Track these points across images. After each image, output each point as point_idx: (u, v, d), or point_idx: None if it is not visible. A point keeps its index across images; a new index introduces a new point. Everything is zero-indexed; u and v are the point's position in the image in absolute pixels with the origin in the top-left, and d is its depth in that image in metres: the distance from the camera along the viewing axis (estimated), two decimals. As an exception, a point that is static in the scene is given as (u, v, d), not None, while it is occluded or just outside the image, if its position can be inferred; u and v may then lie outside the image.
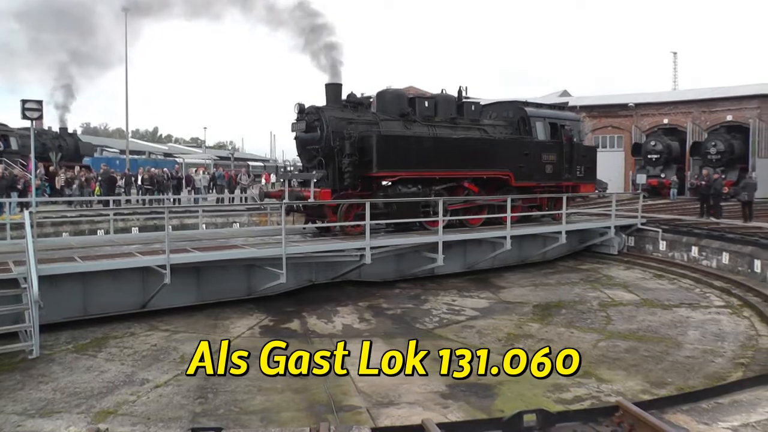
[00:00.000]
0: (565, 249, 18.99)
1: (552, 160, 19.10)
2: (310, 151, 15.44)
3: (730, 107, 38.44)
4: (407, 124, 16.28)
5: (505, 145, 18.04)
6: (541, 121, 19.17)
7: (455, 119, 17.48)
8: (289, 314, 12.47)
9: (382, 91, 17.08)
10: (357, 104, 16.12)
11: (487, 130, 18.06)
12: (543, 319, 12.29)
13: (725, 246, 17.38)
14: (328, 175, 15.09)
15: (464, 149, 16.87)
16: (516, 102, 20.17)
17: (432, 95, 17.92)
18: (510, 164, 17.87)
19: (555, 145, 19.28)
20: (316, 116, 15.16)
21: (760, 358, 9.76)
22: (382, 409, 7.51)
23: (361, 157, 15.02)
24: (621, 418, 4.87)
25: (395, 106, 16.61)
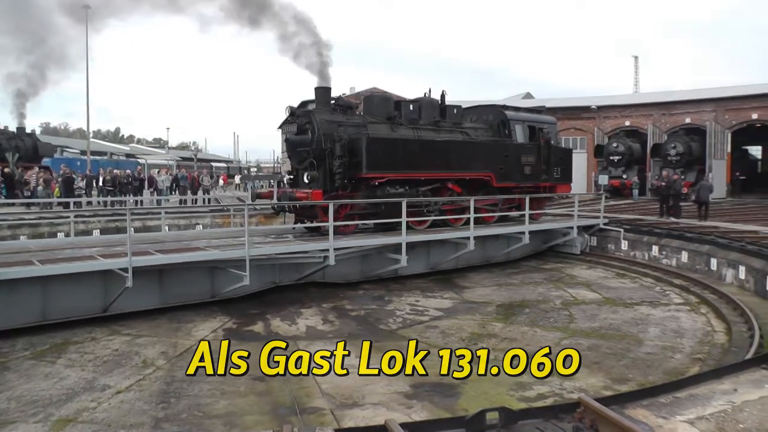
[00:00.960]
0: (529, 249, 19.16)
1: (530, 161, 19.71)
2: (300, 152, 15.65)
3: (688, 110, 39.24)
4: (393, 127, 16.69)
5: (487, 148, 18.56)
6: (520, 124, 19.71)
7: (438, 122, 17.93)
8: (253, 316, 12.36)
9: (369, 95, 17.73)
10: (346, 107, 16.52)
11: (468, 132, 18.54)
12: (506, 318, 12.36)
13: (684, 245, 17.73)
14: (320, 177, 15.34)
15: (448, 151, 17.35)
16: (496, 106, 20.65)
17: (416, 99, 18.31)
18: (491, 166, 18.43)
19: (533, 147, 19.86)
20: (307, 119, 15.48)
21: (715, 354, 9.98)
22: (346, 411, 7.47)
23: (350, 159, 15.37)
24: (582, 414, 4.90)
25: (382, 110, 17.07)
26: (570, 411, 5.03)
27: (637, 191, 36.73)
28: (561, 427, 4.82)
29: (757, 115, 36.44)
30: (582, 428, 4.78)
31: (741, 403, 5.28)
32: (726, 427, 4.81)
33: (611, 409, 4.91)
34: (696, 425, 4.83)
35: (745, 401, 5.33)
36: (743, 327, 11.33)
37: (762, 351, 8.45)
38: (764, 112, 36.07)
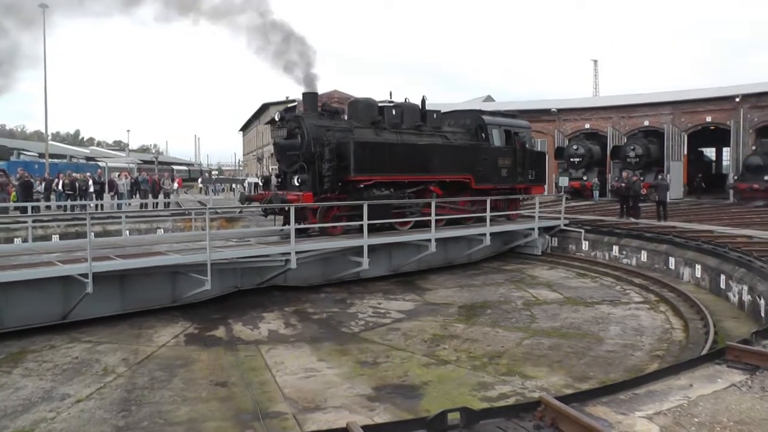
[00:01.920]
0: (490, 250, 19.30)
1: (507, 164, 20.38)
2: (290, 156, 16.07)
3: (647, 113, 39.88)
4: (378, 131, 17.19)
5: (466, 151, 19.14)
6: (497, 129, 20.35)
7: (420, 126, 18.42)
8: (215, 321, 12.20)
9: (354, 101, 18.27)
10: (333, 112, 16.95)
11: (448, 136, 19.07)
12: (468, 319, 12.41)
13: (643, 245, 18.05)
14: (309, 179, 15.77)
15: (430, 155, 17.90)
16: (474, 110, 21.52)
17: (398, 104, 18.67)
18: (470, 168, 19.02)
19: (510, 150, 20.50)
20: (297, 124, 15.87)
21: (673, 350, 10.16)
22: (309, 415, 7.42)
23: (339, 162, 15.72)
24: (543, 413, 4.92)
25: (366, 114, 17.53)
26: (531, 410, 5.05)
27: (597, 192, 37.22)
28: (522, 426, 4.84)
29: (711, 118, 37.22)
30: (543, 426, 4.80)
31: (696, 398, 5.37)
32: (682, 421, 4.88)
33: (572, 407, 4.94)
34: (654, 420, 4.89)
35: (700, 396, 5.43)
36: (699, 324, 11.57)
37: (716, 347, 8.60)
38: (718, 115, 36.87)
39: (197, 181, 68.44)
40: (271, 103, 63.47)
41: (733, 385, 5.69)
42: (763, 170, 30.85)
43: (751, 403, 5.25)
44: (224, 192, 54.68)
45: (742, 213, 25.50)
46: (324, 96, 52.76)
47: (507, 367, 9.23)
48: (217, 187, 55.60)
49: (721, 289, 14.11)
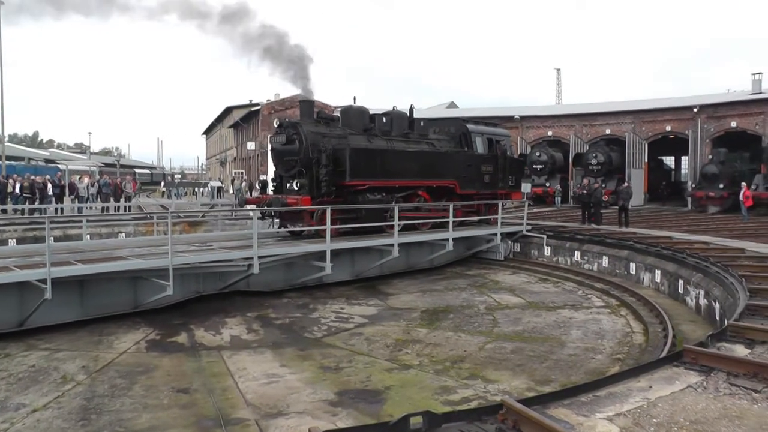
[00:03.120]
0: (453, 255, 19.38)
1: (489, 171, 21.11)
2: (288, 161, 16.69)
3: (608, 121, 40.55)
4: (370, 138, 17.82)
5: (452, 158, 19.83)
6: (480, 137, 21.07)
7: (408, 134, 19.18)
8: (177, 327, 12.03)
9: (347, 108, 18.89)
10: (328, 120, 17.78)
11: (434, 143, 19.73)
12: (431, 324, 12.44)
13: (605, 250, 18.30)
14: (307, 184, 16.31)
15: (419, 161, 18.66)
16: (458, 119, 22.51)
17: (387, 112, 19.36)
18: (456, 174, 19.73)
19: (492, 157, 21.24)
20: (295, 130, 16.46)
21: (633, 353, 10.31)
22: (271, 420, 7.36)
23: (335, 168, 16.30)
24: (505, 416, 4.94)
25: (359, 122, 18.20)
26: (493, 413, 5.06)
27: (559, 199, 37.71)
28: (484, 429, 4.85)
29: (671, 127, 38.01)
30: (505, 429, 4.82)
31: (655, 399, 5.46)
32: (641, 421, 4.96)
33: (533, 410, 4.97)
34: (614, 421, 4.95)
35: (658, 397, 5.52)
36: (659, 327, 11.77)
37: (674, 350, 8.75)
38: (677, 125, 37.67)
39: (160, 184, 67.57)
40: (234, 107, 63.06)
41: (690, 386, 5.80)
42: (718, 179, 31.55)
43: (706, 404, 5.37)
44: (187, 196, 54.04)
45: (700, 220, 26.07)
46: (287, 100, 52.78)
47: (469, 371, 9.27)
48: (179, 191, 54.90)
49: (679, 293, 14.38)
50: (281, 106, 52.42)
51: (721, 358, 6.46)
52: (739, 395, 5.60)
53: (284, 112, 52.06)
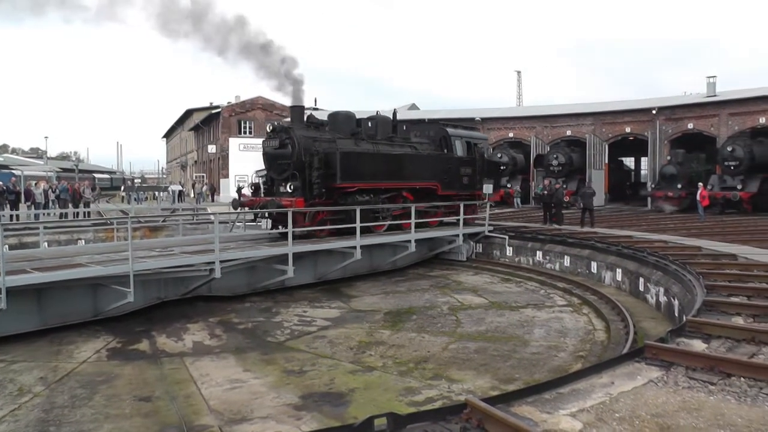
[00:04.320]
0: (415, 257, 19.47)
1: (468, 173, 22.11)
2: (281, 165, 17.30)
3: (569, 123, 41.04)
4: (357, 142, 18.63)
5: (434, 160, 20.81)
6: (459, 140, 22.13)
7: (392, 137, 19.99)
8: (138, 334, 11.81)
9: (335, 113, 19.79)
10: (319, 125, 18.51)
11: (416, 147, 20.59)
12: (394, 325, 12.45)
13: (566, 250, 18.52)
14: (300, 186, 16.93)
15: (403, 164, 19.58)
16: (438, 123, 23.36)
17: (372, 116, 20.08)
18: (437, 176, 20.72)
19: (471, 160, 22.28)
20: (287, 135, 17.11)
21: (596, 350, 10.44)
22: (235, 426, 7.28)
23: (326, 171, 16.93)
24: (469, 415, 4.95)
25: (346, 126, 19.02)
26: (457, 412, 5.07)
27: (518, 200, 38.05)
28: (449, 429, 4.85)
29: (630, 129, 38.60)
30: (469, 428, 4.83)
31: (617, 395, 5.54)
32: (604, 416, 5.02)
33: (497, 408, 4.99)
34: (577, 417, 5.00)
35: (621, 392, 5.60)
36: (620, 325, 11.94)
37: (636, 346, 8.87)
38: (636, 126, 38.27)
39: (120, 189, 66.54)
40: (195, 109, 62.44)
41: (651, 381, 5.91)
42: (676, 179, 32.17)
43: (666, 397, 5.48)
44: (147, 200, 53.30)
45: (659, 219, 26.52)
46: (248, 102, 52.50)
47: (433, 372, 9.27)
48: (140, 196, 54.11)
49: (640, 291, 14.61)
50: (242, 108, 52.10)
51: (680, 353, 6.59)
52: (697, 388, 5.74)
53: (245, 114, 51.75)
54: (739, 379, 5.88)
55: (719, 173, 31.05)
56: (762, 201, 29.02)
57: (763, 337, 7.15)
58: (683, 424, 4.88)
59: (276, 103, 52.74)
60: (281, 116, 51.71)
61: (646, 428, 4.80)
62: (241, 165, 49.68)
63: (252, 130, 51.87)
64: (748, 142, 30.66)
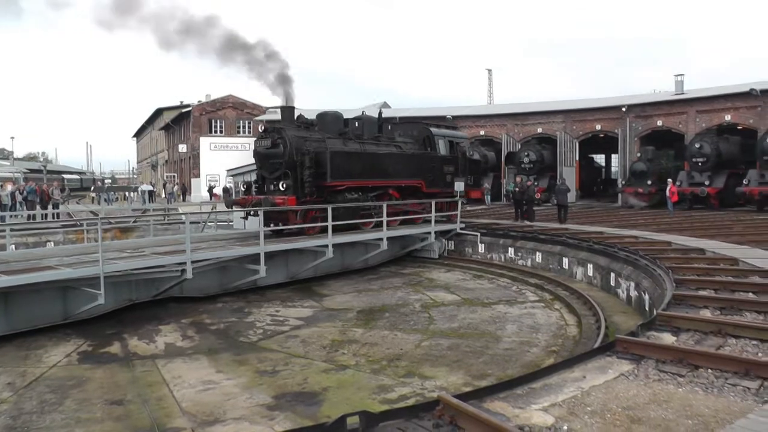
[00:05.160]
0: (387, 255, 19.53)
1: (451, 171, 22.78)
2: (273, 164, 17.63)
3: (540, 121, 41.31)
4: (345, 141, 19.06)
5: (419, 159, 21.44)
6: (442, 139, 22.76)
7: (378, 137, 20.45)
8: (110, 337, 11.64)
9: (323, 113, 20.05)
10: (309, 125, 18.84)
11: (401, 146, 21.10)
12: (367, 323, 12.45)
13: (538, 246, 18.65)
14: (292, 185, 17.32)
15: (390, 162, 20.19)
16: (421, 123, 24.08)
17: (358, 116, 20.66)
18: (422, 175, 21.37)
19: (453, 158, 23.00)
20: (279, 135, 17.50)
21: (568, 345, 10.54)
22: (208, 428, 7.22)
23: (316, 169, 17.38)
24: (442, 411, 4.95)
25: (335, 126, 19.47)
26: (430, 409, 5.08)
27: (489, 197, 38.25)
28: (422, 426, 4.85)
29: (601, 126, 38.99)
30: (442, 425, 4.83)
31: (589, 389, 5.60)
32: (576, 410, 5.07)
33: (470, 404, 5.00)
34: (549, 412, 5.04)
35: (592, 386, 5.66)
36: (592, 320, 12.05)
37: (607, 340, 8.97)
38: (606, 124, 38.66)
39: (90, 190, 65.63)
40: (165, 108, 61.81)
41: (622, 375, 5.98)
42: (646, 175, 32.57)
43: (637, 390, 5.55)
44: (118, 201, 52.65)
45: (629, 215, 26.82)
46: (218, 101, 52.14)
47: (406, 369, 9.28)
48: (110, 196, 53.42)
49: (611, 286, 14.76)
50: (212, 107, 51.74)
51: (650, 346, 6.67)
52: (667, 380, 5.82)
53: (216, 113, 51.38)
54: (707, 370, 5.97)
55: (687, 170, 31.47)
56: (728, 196, 29.49)
57: (729, 329, 7.27)
58: (653, 416, 4.94)
59: (247, 101, 52.48)
60: (252, 115, 51.50)
61: (617, 421, 4.85)
62: (213, 164, 49.39)
63: (223, 129, 51.56)
64: (714, 139, 31.13)
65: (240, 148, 49.99)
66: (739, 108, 32.86)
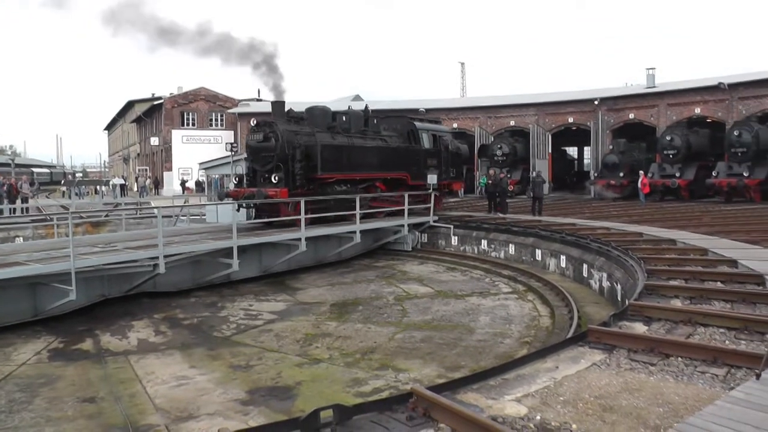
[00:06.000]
0: (361, 248, 19.58)
1: (435, 164, 23.53)
2: (265, 157, 18.07)
3: (513, 114, 41.54)
4: (334, 135, 19.55)
5: (404, 152, 22.24)
6: (426, 133, 23.54)
7: (365, 131, 21.00)
8: (81, 333, 11.49)
9: (312, 107, 20.62)
10: (299, 119, 19.30)
11: (386, 140, 21.72)
12: (340, 317, 12.45)
13: (511, 238, 18.76)
14: (284, 177, 17.70)
15: (377, 156, 20.86)
16: (405, 117, 24.89)
17: (345, 111, 21.25)
18: (407, 167, 22.13)
19: (437, 152, 23.80)
20: (271, 129, 18.00)
21: (541, 336, 10.63)
22: (182, 424, 7.17)
23: (307, 162, 17.97)
24: (415, 404, 4.96)
25: (323, 120, 19.98)
26: (404, 402, 5.08)
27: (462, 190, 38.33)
28: (395, 418, 4.86)
29: (573, 119, 39.32)
30: (415, 417, 4.84)
31: (561, 379, 5.64)
32: (549, 400, 5.10)
33: (443, 396, 5.01)
34: (522, 402, 5.07)
35: (565, 376, 5.71)
36: (565, 310, 12.18)
37: (580, 330, 9.04)
38: (579, 117, 39.00)
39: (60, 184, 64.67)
40: (137, 101, 61.11)
41: (594, 364, 6.03)
42: (618, 167, 32.91)
43: (609, 379, 5.60)
44: (89, 195, 51.93)
45: (602, 207, 27.08)
46: (190, 94, 51.64)
47: (380, 362, 9.30)
48: (81, 190, 52.64)
49: (583, 277, 14.90)
50: (184, 100, 51.24)
51: (622, 335, 6.74)
52: (638, 369, 5.89)
53: (188, 105, 50.89)
54: (677, 358, 6.06)
55: (659, 161, 31.88)
56: (698, 188, 29.95)
57: (698, 318, 7.37)
58: (625, 404, 4.99)
59: (219, 94, 52.06)
60: (224, 107, 51.11)
61: (589, 410, 4.89)
62: (185, 157, 48.90)
63: (195, 122, 51.10)
64: (685, 131, 31.60)
65: (212, 141, 49.64)
66: (708, 101, 33.40)
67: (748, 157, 27.63)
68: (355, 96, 55.95)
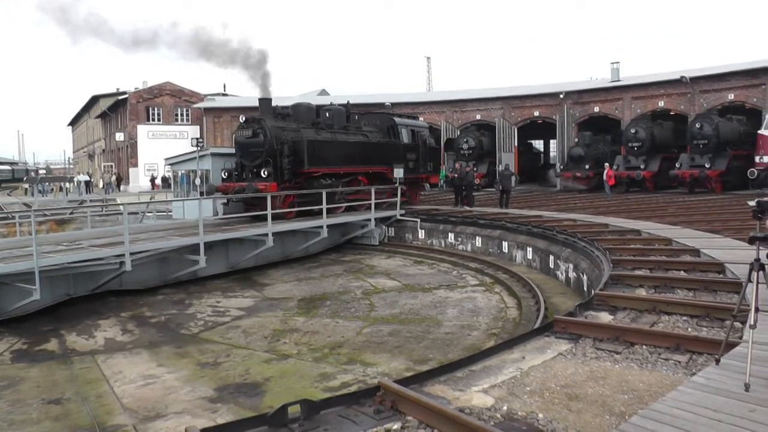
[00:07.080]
0: (328, 243, 19.54)
1: (413, 158, 24.75)
2: (253, 152, 18.83)
3: (479, 108, 41.76)
4: (318, 131, 20.41)
5: (385, 147, 23.25)
6: (405, 128, 24.65)
7: (347, 127, 22.12)
8: (46, 334, 11.30)
9: (297, 104, 21.66)
10: (285, 115, 20.30)
11: (367, 135, 22.71)
12: (308, 312, 12.44)
13: (478, 231, 18.88)
14: (272, 172, 18.47)
15: (359, 150, 21.85)
16: (385, 113, 26.30)
17: (329, 107, 22.33)
18: (388, 162, 22.97)
19: (415, 146, 24.96)
20: (259, 125, 18.87)
21: (508, 327, 10.72)
22: (149, 423, 7.11)
23: (294, 157, 18.93)
24: (383, 397, 4.98)
25: (307, 116, 20.86)
26: (371, 395, 5.10)
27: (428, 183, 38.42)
28: (363, 412, 4.89)
29: (539, 113, 39.63)
30: (383, 410, 4.86)
31: (528, 369, 5.71)
32: (515, 391, 5.17)
33: (411, 389, 5.04)
34: (489, 393, 5.12)
35: (531, 366, 5.78)
36: (532, 302, 12.30)
37: (547, 321, 9.14)
38: (545, 110, 39.31)
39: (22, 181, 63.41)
40: (101, 95, 60.05)
41: (560, 354, 6.12)
42: (584, 160, 33.26)
43: (575, 368, 5.69)
44: (53, 192, 50.97)
45: (568, 199, 27.38)
46: (155, 88, 50.99)
47: (348, 357, 9.32)
48: (45, 187, 51.61)
49: (550, 268, 15.05)
50: (150, 94, 50.59)
51: (588, 325, 6.85)
52: (604, 358, 6.00)
53: (153, 100, 50.26)
54: (642, 347, 6.18)
55: (624, 154, 32.32)
56: (662, 179, 30.44)
57: (662, 306, 7.52)
58: (590, 392, 5.07)
59: (185, 89, 51.51)
60: (190, 102, 50.56)
61: (555, 399, 4.96)
62: (151, 153, 48.26)
63: (161, 117, 50.48)
64: (649, 124, 32.09)
65: (179, 136, 49.03)
66: (671, 95, 33.95)
67: (710, 148, 28.15)
68: (321, 90, 55.70)
